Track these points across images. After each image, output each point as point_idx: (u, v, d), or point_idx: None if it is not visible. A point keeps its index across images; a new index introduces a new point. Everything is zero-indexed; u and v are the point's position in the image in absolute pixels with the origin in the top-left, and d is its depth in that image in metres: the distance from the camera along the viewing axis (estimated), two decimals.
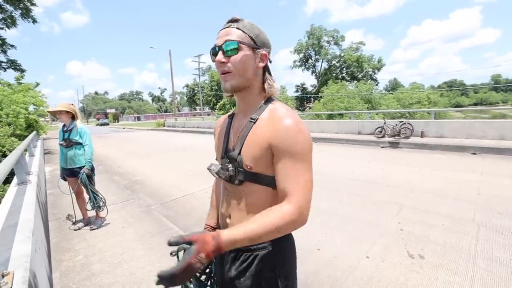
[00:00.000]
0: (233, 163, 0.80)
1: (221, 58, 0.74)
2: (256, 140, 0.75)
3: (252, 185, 0.77)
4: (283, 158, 0.70)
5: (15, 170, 2.94)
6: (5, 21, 15.38)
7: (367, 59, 39.38)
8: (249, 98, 0.82)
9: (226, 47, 0.73)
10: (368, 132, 9.91)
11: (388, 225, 2.91)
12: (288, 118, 0.72)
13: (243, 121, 0.83)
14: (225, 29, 0.76)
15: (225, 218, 0.87)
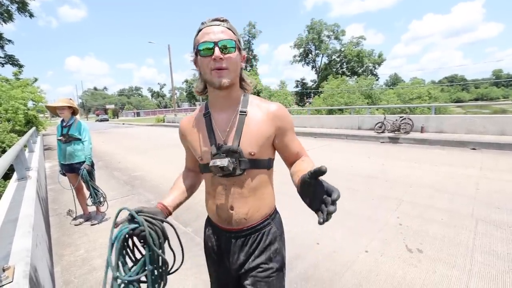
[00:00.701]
0: (232, 155, 0.83)
1: (220, 54, 0.76)
2: (258, 127, 0.85)
3: (252, 171, 0.86)
4: (287, 134, 0.91)
5: (15, 166, 2.95)
6: (2, 15, 15.19)
7: (368, 54, 39.07)
8: (233, 94, 0.87)
9: (226, 45, 0.77)
10: (368, 128, 9.90)
11: (387, 220, 2.93)
12: (276, 104, 0.89)
13: (229, 116, 0.87)
14: (217, 27, 0.78)
15: (226, 210, 0.89)
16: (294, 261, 2.27)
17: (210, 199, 0.95)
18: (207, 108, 0.92)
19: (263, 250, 0.91)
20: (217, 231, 0.96)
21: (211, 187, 0.93)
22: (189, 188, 1.00)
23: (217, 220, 0.94)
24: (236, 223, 0.89)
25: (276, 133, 0.88)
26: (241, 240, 0.91)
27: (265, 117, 0.86)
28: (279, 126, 0.88)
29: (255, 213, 0.90)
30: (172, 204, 0.92)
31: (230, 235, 0.92)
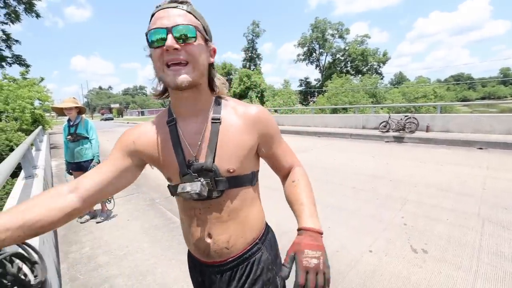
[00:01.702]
0: (206, 175, 0.67)
1: (174, 44, 0.57)
2: (237, 138, 0.69)
3: (233, 190, 0.71)
4: (273, 140, 0.76)
5: (22, 164, 2.99)
6: (9, 16, 15.41)
7: (372, 53, 38.77)
8: (200, 97, 0.69)
9: (182, 31, 0.59)
10: (373, 127, 9.83)
11: (391, 220, 2.91)
12: (256, 107, 0.73)
13: (199, 125, 0.70)
14: (173, 9, 0.60)
15: (203, 239, 0.73)
16: None
17: (184, 226, 0.79)
18: (171, 115, 0.72)
19: (253, 283, 0.74)
20: (198, 265, 0.79)
21: (183, 212, 0.77)
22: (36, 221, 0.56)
23: (195, 252, 0.77)
24: (217, 254, 0.73)
25: (260, 141, 0.73)
26: (227, 275, 0.74)
27: (244, 123, 0.70)
28: (262, 133, 0.72)
29: (238, 239, 0.73)
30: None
31: (214, 270, 0.75)
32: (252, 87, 31.26)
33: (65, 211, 0.60)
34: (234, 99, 0.77)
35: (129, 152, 0.71)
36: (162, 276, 2.09)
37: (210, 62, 0.68)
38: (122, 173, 0.70)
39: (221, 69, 40.94)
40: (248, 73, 32.40)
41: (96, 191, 0.65)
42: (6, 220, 0.52)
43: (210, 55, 0.69)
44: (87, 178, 0.66)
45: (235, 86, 32.34)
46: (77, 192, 0.64)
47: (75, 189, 0.64)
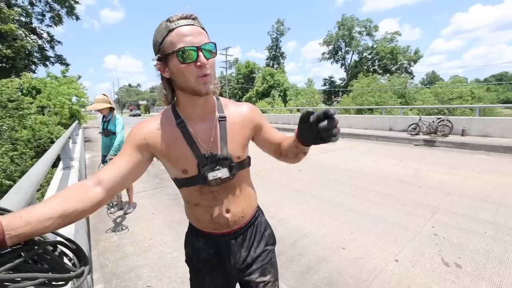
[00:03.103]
0: (222, 163, 0.81)
1: (206, 60, 0.70)
2: (241, 131, 0.86)
3: (240, 172, 0.88)
4: (264, 126, 0.93)
5: (61, 156, 3.24)
6: (53, 19, 16.80)
7: (403, 51, 36.77)
8: (210, 100, 0.83)
9: (208, 49, 0.71)
10: (401, 129, 9.33)
11: (420, 229, 2.74)
12: (247, 105, 0.92)
13: (208, 124, 0.83)
14: (193, 27, 0.70)
15: (222, 215, 0.87)
16: (317, 265, 2.22)
17: (199, 210, 0.88)
18: (178, 117, 0.81)
19: (260, 239, 0.97)
20: (213, 239, 0.91)
21: (199, 198, 0.86)
22: (72, 211, 0.63)
23: (213, 228, 0.89)
24: (235, 223, 0.89)
25: (255, 131, 0.92)
26: (240, 238, 0.92)
27: (242, 119, 0.88)
28: (256, 124, 0.91)
29: (248, 208, 0.93)
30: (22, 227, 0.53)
31: (229, 237, 0.91)
32: (275, 86, 31.11)
33: (93, 201, 0.68)
34: (224, 98, 0.91)
35: (140, 147, 0.79)
36: (183, 270, 2.15)
37: None
38: (135, 166, 0.78)
39: (245, 67, 41.23)
40: (271, 71, 32.29)
41: (116, 182, 0.74)
42: (47, 210, 0.59)
43: None
44: (106, 171, 0.74)
45: (258, 84, 32.38)
46: (101, 185, 0.71)
47: (99, 182, 0.71)
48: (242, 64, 42.85)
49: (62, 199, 0.63)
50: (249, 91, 35.84)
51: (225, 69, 38.90)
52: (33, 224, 0.55)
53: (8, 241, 0.51)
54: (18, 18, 13.70)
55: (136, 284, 2.01)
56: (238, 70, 43.05)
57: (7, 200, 0.98)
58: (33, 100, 10.75)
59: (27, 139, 9.12)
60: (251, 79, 40.10)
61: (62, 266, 0.61)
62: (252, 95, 33.04)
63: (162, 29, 0.70)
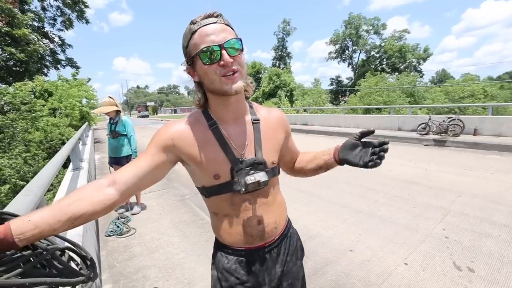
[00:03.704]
0: (257, 168, 0.76)
1: (230, 59, 0.66)
2: (275, 135, 0.85)
3: (273, 178, 0.84)
4: (290, 136, 0.95)
5: (71, 157, 3.31)
6: (64, 23, 17.24)
7: (412, 49, 36.08)
8: (241, 100, 0.79)
9: (233, 45, 0.67)
10: (410, 129, 9.16)
11: (430, 231, 2.67)
12: (278, 110, 0.92)
13: (241, 127, 0.79)
14: (216, 25, 0.67)
15: (255, 226, 0.80)
16: (324, 267, 2.19)
17: (229, 222, 0.80)
18: (210, 119, 0.77)
19: (293, 252, 0.91)
20: (245, 256, 0.83)
21: (230, 207, 0.79)
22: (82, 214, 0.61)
23: (244, 242, 0.81)
24: (269, 235, 0.83)
25: (285, 136, 0.90)
26: (275, 252, 0.86)
27: (275, 123, 0.86)
28: (286, 130, 0.91)
29: (281, 219, 0.88)
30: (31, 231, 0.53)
31: (263, 252, 0.84)
32: (282, 86, 31.03)
33: (106, 203, 0.65)
34: (253, 103, 0.88)
35: (166, 148, 0.74)
36: (190, 271, 2.16)
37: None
38: (157, 168, 0.73)
39: (251, 68, 41.28)
40: (278, 72, 32.23)
41: (132, 184, 0.69)
42: (57, 213, 0.58)
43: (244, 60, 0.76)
44: (124, 172, 0.70)
45: (264, 85, 32.37)
46: (115, 186, 0.67)
47: (113, 183, 0.67)
48: (249, 64, 42.98)
49: (73, 201, 0.61)
50: (255, 91, 35.87)
51: None
52: (41, 227, 0.54)
53: (19, 244, 0.52)
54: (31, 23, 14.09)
55: (143, 285, 2.03)
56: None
57: (17, 202, 1.01)
58: (45, 102, 11.04)
59: (39, 140, 9.37)
60: (257, 79, 40.10)
61: (69, 271, 0.62)
62: (259, 95, 33.05)
63: (186, 33, 0.69)
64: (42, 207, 0.62)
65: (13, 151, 8.62)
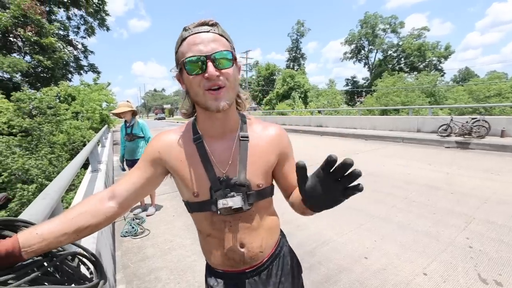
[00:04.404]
0: (238, 189, 0.70)
1: (215, 72, 0.60)
2: (264, 156, 0.75)
3: (259, 202, 0.75)
4: (289, 159, 0.80)
5: (90, 159, 3.44)
6: (87, 31, 18.15)
7: (432, 47, 34.69)
8: (232, 116, 0.73)
9: (221, 58, 0.61)
10: (430, 130, 8.77)
11: (452, 240, 2.52)
12: (276, 127, 0.80)
13: (228, 143, 0.73)
14: (207, 34, 0.62)
15: (237, 250, 0.75)
16: (338, 274, 2.13)
17: (211, 242, 0.78)
18: (196, 132, 0.74)
19: (288, 272, 0.85)
20: (233, 279, 0.80)
21: (210, 227, 0.75)
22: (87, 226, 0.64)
23: (228, 265, 0.77)
24: (253, 260, 0.77)
25: (279, 159, 0.78)
26: (265, 274, 0.80)
27: (267, 141, 0.76)
28: (281, 151, 0.78)
29: (268, 242, 0.80)
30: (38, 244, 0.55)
31: (251, 275, 0.79)
32: (296, 88, 30.83)
33: (107, 216, 0.68)
34: (254, 118, 0.81)
35: (153, 161, 0.74)
36: (200, 274, 2.17)
37: (239, 79, 0.70)
38: (149, 180, 0.74)
39: (265, 70, 41.38)
40: (292, 73, 32.07)
41: (130, 196, 0.72)
42: (63, 226, 0.60)
43: (238, 72, 0.70)
44: (122, 185, 0.72)
45: (278, 86, 32.31)
46: (115, 199, 0.70)
47: (113, 196, 0.70)
48: (262, 66, 43.04)
49: (78, 214, 0.63)
50: (269, 93, 35.85)
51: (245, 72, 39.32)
52: (48, 240, 0.56)
53: (25, 257, 0.53)
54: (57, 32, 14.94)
55: (155, 286, 2.06)
56: (259, 73, 43.33)
57: (35, 206, 1.05)
58: (69, 106, 11.63)
59: (63, 142, 9.87)
60: (271, 81, 40.13)
61: (78, 276, 0.63)
62: (273, 97, 33.01)
63: (178, 39, 0.66)
64: (49, 219, 0.64)
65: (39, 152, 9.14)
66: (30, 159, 8.65)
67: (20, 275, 0.52)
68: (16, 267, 0.53)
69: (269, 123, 0.81)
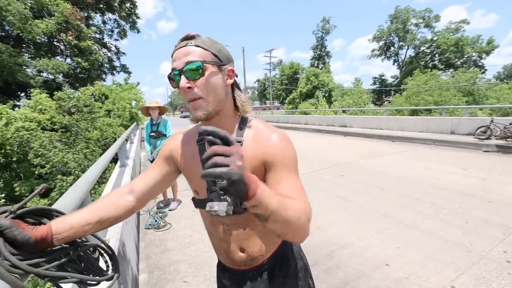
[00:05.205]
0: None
1: (186, 84, 0.63)
2: (250, 160, 0.69)
3: None
4: (278, 170, 0.69)
5: (118, 155, 3.67)
6: (120, 34, 19.33)
7: (471, 41, 31.92)
8: (224, 123, 0.72)
9: (190, 69, 0.63)
10: (466, 132, 8.11)
11: (487, 252, 2.32)
12: (276, 134, 0.73)
13: None
14: (183, 49, 0.65)
15: (237, 253, 0.78)
16: (356, 280, 2.06)
17: (214, 239, 0.83)
18: (201, 134, 0.72)
19: (293, 275, 0.85)
20: (237, 275, 0.84)
21: (211, 226, 0.81)
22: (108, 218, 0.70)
23: (230, 264, 0.82)
24: (252, 262, 0.79)
25: (266, 167, 0.71)
26: (266, 274, 0.82)
27: (254, 147, 0.72)
28: (268, 159, 0.70)
29: (269, 245, 0.80)
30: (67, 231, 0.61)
31: (253, 274, 0.82)
32: (320, 87, 30.17)
33: (127, 209, 0.75)
34: (259, 121, 0.78)
35: (167, 159, 0.81)
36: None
37: (228, 84, 0.70)
38: (164, 177, 0.81)
39: (288, 68, 40.99)
40: (316, 72, 31.43)
41: (147, 191, 0.78)
42: (88, 217, 0.67)
43: (229, 77, 0.70)
44: (140, 181, 0.79)
45: (302, 85, 31.85)
46: (133, 194, 0.76)
47: (132, 191, 0.76)
48: (286, 65, 42.67)
49: (101, 207, 0.70)
50: (292, 92, 35.47)
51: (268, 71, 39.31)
52: (75, 228, 0.63)
53: (55, 243, 0.60)
54: (94, 35, 16.07)
55: (174, 278, 2.15)
56: (282, 72, 43.03)
57: (67, 196, 1.15)
58: (102, 105, 12.47)
59: (96, 138, 10.61)
60: (295, 80, 39.64)
61: (96, 268, 0.70)
62: (296, 96, 32.61)
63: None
64: (77, 210, 0.73)
65: (76, 147, 9.92)
66: (69, 153, 9.43)
67: (50, 260, 0.58)
68: (46, 251, 0.59)
69: (273, 129, 0.75)
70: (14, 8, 10.35)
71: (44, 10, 12.77)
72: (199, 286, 2.07)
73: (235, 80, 0.73)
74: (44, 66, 12.20)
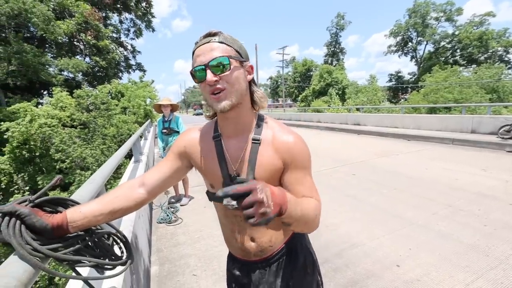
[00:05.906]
0: None
1: (213, 77, 0.66)
2: (271, 160, 0.76)
3: None
4: (295, 172, 0.77)
5: (133, 151, 3.79)
6: (136, 33, 19.81)
7: (497, 35, 30.14)
8: (242, 117, 0.76)
9: (219, 63, 0.67)
10: (487, 131, 7.72)
11: (506, 257, 2.22)
12: (291, 134, 0.78)
13: (241, 144, 0.77)
14: (207, 45, 0.69)
15: (248, 243, 0.83)
16: (365, 279, 2.04)
17: (226, 231, 0.88)
18: (216, 131, 0.81)
19: (301, 268, 0.88)
20: (246, 265, 0.89)
21: (224, 218, 0.86)
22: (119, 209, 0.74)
23: (241, 255, 0.87)
24: (262, 253, 0.84)
25: (284, 167, 0.77)
26: (275, 265, 0.86)
27: (275, 147, 0.76)
28: (287, 161, 0.76)
29: (279, 237, 0.85)
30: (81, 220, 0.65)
31: (262, 265, 0.86)
32: (333, 84, 29.64)
33: (137, 201, 0.79)
34: (275, 121, 0.82)
35: (180, 154, 0.85)
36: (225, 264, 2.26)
37: (249, 79, 0.75)
38: (175, 172, 0.85)
39: (301, 65, 40.51)
40: (329, 69, 30.89)
41: (158, 185, 0.82)
42: (100, 207, 0.71)
43: (248, 73, 0.74)
44: (151, 174, 0.82)
45: (315, 83, 31.42)
46: (144, 186, 0.80)
47: (143, 184, 0.80)
48: (299, 62, 42.19)
49: (112, 198, 0.74)
50: (305, 89, 35.08)
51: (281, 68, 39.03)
52: (89, 218, 0.67)
53: (71, 230, 0.64)
54: (111, 35, 16.57)
55: (184, 271, 2.22)
56: (295, 69, 42.57)
57: (84, 189, 1.21)
58: (118, 102, 12.87)
59: (112, 135, 10.98)
60: (308, 77, 39.17)
61: (111, 254, 0.74)
62: (308, 93, 32.22)
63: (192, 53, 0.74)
64: (90, 201, 0.76)
65: (94, 143, 10.32)
66: (87, 149, 9.83)
67: (67, 245, 0.62)
68: (64, 237, 0.64)
69: (289, 130, 0.80)
70: (39, 10, 10.84)
71: (65, 11, 13.29)
72: (208, 279, 2.12)
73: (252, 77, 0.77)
74: (65, 65, 12.73)
